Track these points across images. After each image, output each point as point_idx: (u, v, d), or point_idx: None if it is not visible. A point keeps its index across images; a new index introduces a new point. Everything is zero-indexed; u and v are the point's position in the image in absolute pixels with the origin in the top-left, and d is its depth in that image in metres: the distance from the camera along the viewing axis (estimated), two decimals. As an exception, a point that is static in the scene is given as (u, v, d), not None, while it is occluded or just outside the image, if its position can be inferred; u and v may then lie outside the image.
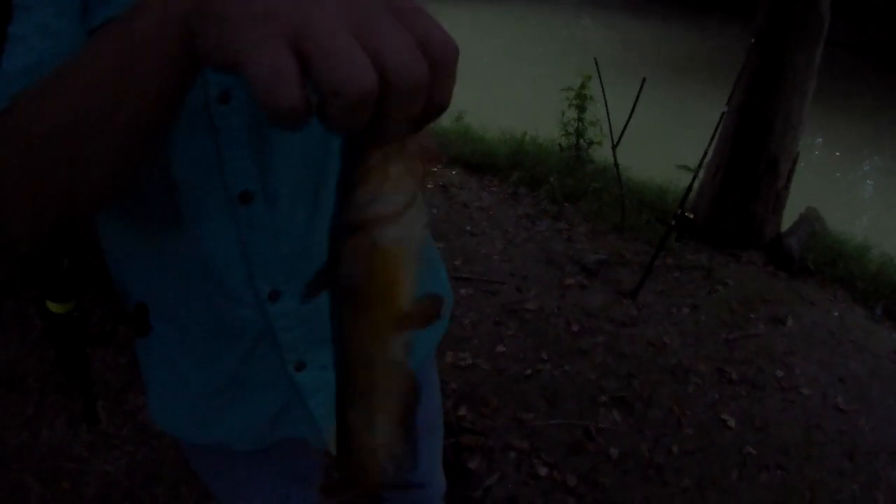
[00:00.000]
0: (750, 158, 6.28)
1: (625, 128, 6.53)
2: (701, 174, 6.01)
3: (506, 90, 13.36)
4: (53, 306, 1.36)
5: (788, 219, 6.65)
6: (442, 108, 0.61)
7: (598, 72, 6.87)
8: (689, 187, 5.59)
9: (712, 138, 5.59)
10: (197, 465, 1.70)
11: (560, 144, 8.26)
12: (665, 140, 10.22)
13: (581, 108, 7.98)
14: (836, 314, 5.50)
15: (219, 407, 1.43)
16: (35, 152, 0.85)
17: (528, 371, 4.54)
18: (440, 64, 0.58)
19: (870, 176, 11.94)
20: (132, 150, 0.84)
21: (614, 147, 6.70)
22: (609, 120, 6.77)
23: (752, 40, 6.00)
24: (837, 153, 12.33)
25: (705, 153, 5.60)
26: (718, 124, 5.64)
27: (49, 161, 0.84)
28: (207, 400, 1.43)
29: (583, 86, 7.83)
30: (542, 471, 3.79)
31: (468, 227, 6.54)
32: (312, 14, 0.56)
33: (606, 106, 6.80)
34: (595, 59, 6.94)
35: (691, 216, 5.42)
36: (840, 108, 13.73)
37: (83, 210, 0.99)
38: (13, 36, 1.07)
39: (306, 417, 1.44)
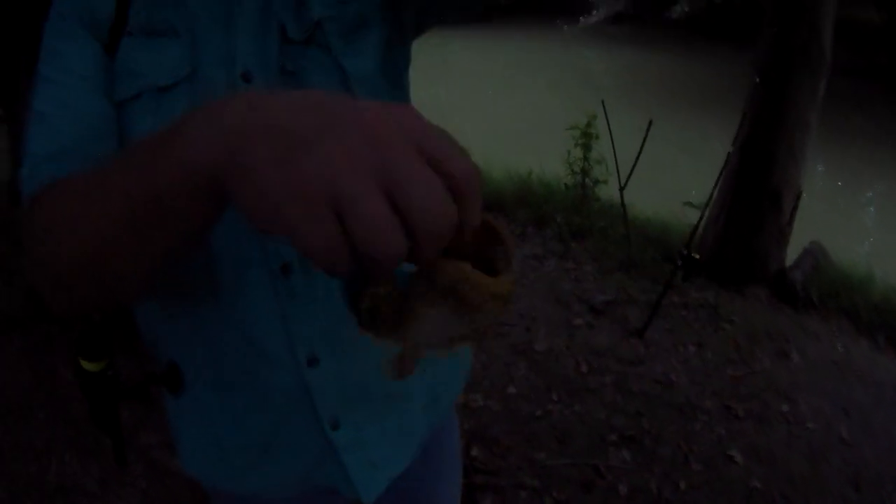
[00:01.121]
0: (753, 194, 6.32)
1: (632, 170, 6.57)
2: (706, 212, 6.07)
3: (511, 124, 13.28)
4: (87, 364, 1.41)
5: (794, 251, 6.67)
6: (473, 226, 0.64)
7: (605, 113, 6.92)
8: (696, 228, 5.64)
9: (718, 179, 5.63)
10: None
11: (566, 184, 8.27)
12: (671, 174, 10.20)
13: (587, 148, 7.99)
14: (839, 346, 5.54)
15: (253, 462, 1.45)
16: (60, 260, 0.91)
17: (539, 411, 4.59)
18: (466, 194, 0.62)
19: (873, 203, 11.91)
20: (165, 264, 0.87)
21: (622, 189, 6.77)
22: (616, 159, 6.82)
23: (756, 79, 6.07)
24: (839, 182, 12.30)
25: (711, 194, 5.64)
26: (725, 164, 5.70)
27: (78, 275, 0.91)
28: (241, 455, 1.45)
29: (588, 125, 7.85)
30: (553, 509, 3.84)
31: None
32: (345, 180, 0.58)
33: (613, 147, 6.82)
34: (602, 101, 7.01)
35: (697, 256, 5.45)
36: (841, 135, 13.71)
37: (112, 304, 1.07)
38: (39, 112, 1.16)
39: (339, 472, 1.46)
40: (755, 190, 6.31)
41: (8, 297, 5.35)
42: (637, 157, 6.49)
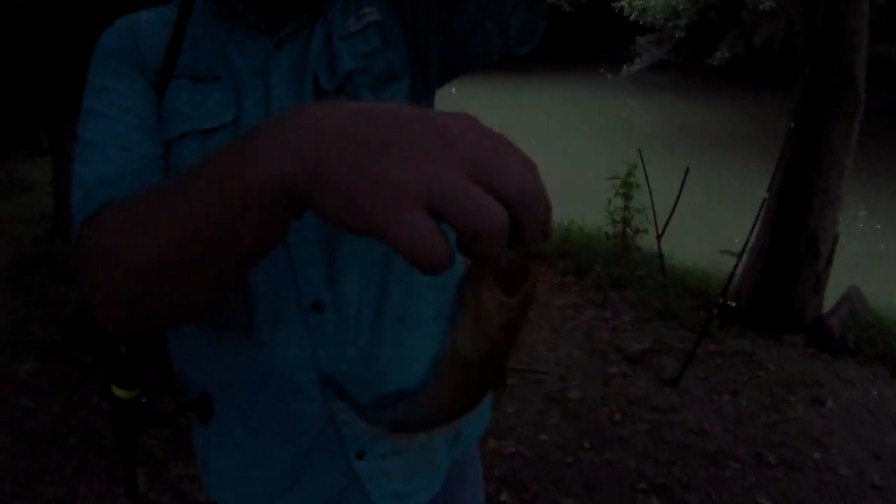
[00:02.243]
0: (790, 240, 6.31)
1: (669, 219, 6.56)
2: (743, 258, 6.06)
3: (554, 174, 13.26)
4: (120, 392, 1.44)
5: (832, 293, 6.62)
6: (549, 205, 0.67)
7: (643, 161, 6.93)
8: (732, 275, 5.59)
9: (753, 226, 5.63)
10: None
11: (606, 233, 8.28)
12: (711, 222, 10.18)
13: (627, 197, 8.00)
14: (875, 392, 5.50)
15: (278, 491, 1.49)
16: (119, 276, 0.94)
17: (570, 458, 4.59)
18: (535, 173, 0.67)
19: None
20: (228, 283, 0.92)
21: (659, 237, 6.77)
22: (654, 209, 6.82)
23: (791, 124, 6.07)
24: (878, 225, 12.22)
25: (747, 241, 5.63)
26: (760, 211, 5.68)
27: (133, 286, 0.93)
28: (268, 483, 1.49)
29: (629, 174, 7.86)
30: (580, 556, 3.82)
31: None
32: (434, 174, 0.62)
33: (651, 197, 6.84)
34: (639, 150, 7.03)
35: (733, 304, 5.42)
36: (877, 176, 13.63)
37: (165, 325, 1.19)
38: (90, 142, 1.23)
39: (363, 500, 1.49)
40: (792, 236, 6.30)
41: (47, 327, 5.53)
42: (674, 205, 6.49)
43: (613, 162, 8.07)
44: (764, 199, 5.73)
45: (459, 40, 1.36)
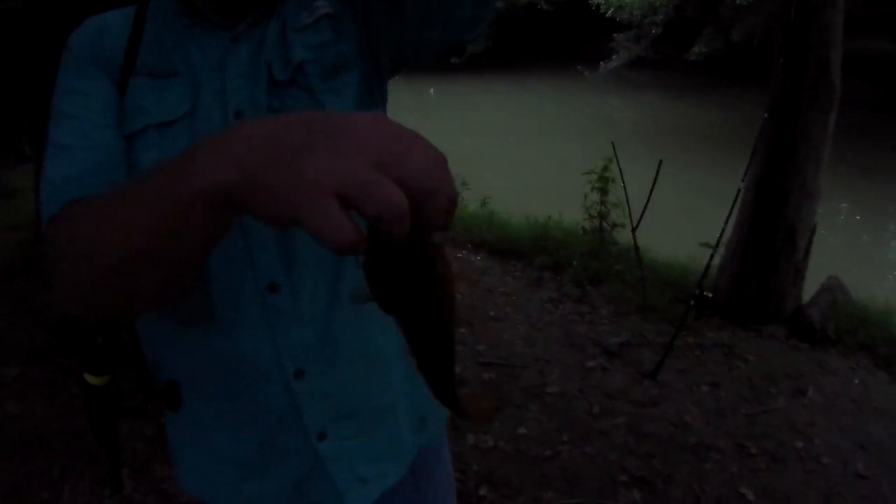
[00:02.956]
0: (768, 232, 6.29)
1: (643, 212, 6.58)
2: (721, 251, 6.04)
3: (531, 172, 13.38)
4: (91, 378, 1.49)
5: (812, 285, 6.63)
6: (454, 199, 0.73)
7: (616, 155, 6.95)
8: (708, 266, 5.61)
9: (728, 216, 5.62)
10: None
11: (583, 228, 8.28)
12: (689, 217, 10.17)
13: (603, 191, 8.00)
14: (857, 381, 5.48)
15: (247, 474, 1.52)
16: (82, 272, 1.01)
17: (549, 452, 4.54)
18: (443, 165, 0.73)
19: (893, 236, 11.93)
20: (180, 275, 0.98)
21: (633, 230, 6.78)
22: (628, 202, 6.83)
23: (766, 115, 6.05)
24: (858, 216, 12.32)
25: (722, 231, 5.62)
26: (735, 201, 5.68)
27: (96, 280, 1.00)
28: (235, 467, 1.52)
29: (604, 168, 7.87)
30: (562, 550, 3.77)
31: (492, 313, 6.58)
32: (343, 168, 0.69)
33: (625, 189, 6.86)
34: (612, 143, 7.03)
35: (709, 295, 5.43)
36: (861, 170, 13.77)
37: (128, 313, 1.19)
38: (58, 143, 1.30)
39: (328, 483, 1.52)
40: (769, 227, 6.29)
41: (32, 332, 5.57)
42: (648, 198, 6.50)
43: (591, 159, 8.10)
44: (739, 190, 5.78)
45: (410, 32, 1.41)
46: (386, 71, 1.51)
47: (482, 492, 4.15)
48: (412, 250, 0.75)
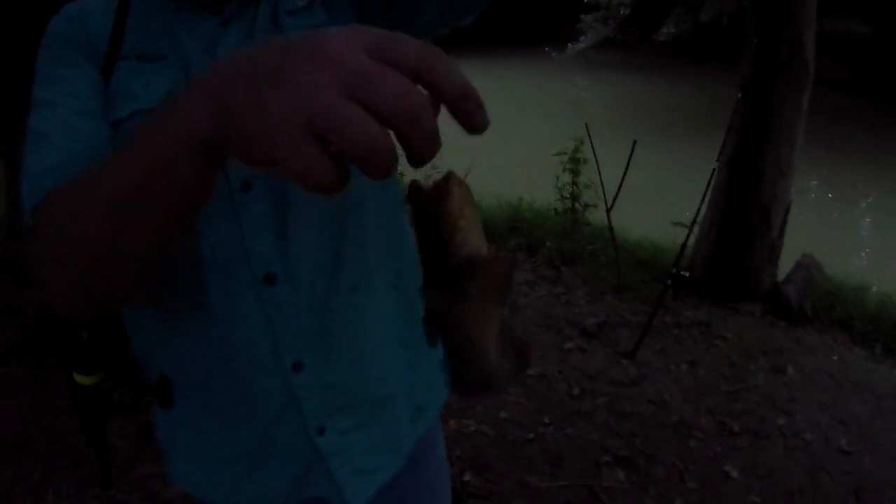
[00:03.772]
0: (743, 210, 6.31)
1: (618, 191, 6.59)
2: (696, 230, 6.04)
3: (502, 154, 13.35)
4: (81, 378, 1.44)
5: (786, 262, 6.66)
6: (459, 94, 0.66)
7: (590, 136, 6.94)
8: (684, 245, 5.63)
9: (704, 195, 5.63)
10: None
11: (556, 209, 8.29)
12: (662, 196, 10.22)
13: (575, 172, 8.02)
14: (835, 357, 5.52)
15: (244, 470, 1.48)
16: (71, 252, 0.98)
17: (531, 435, 4.53)
18: (429, 66, 0.64)
19: (867, 214, 12.02)
20: (168, 236, 0.95)
21: (608, 210, 6.77)
22: (602, 183, 6.81)
23: (739, 94, 6.06)
24: (830, 195, 12.43)
25: (698, 211, 5.64)
26: (710, 181, 5.69)
27: (85, 258, 0.97)
28: (233, 464, 1.48)
29: (576, 149, 7.88)
30: (549, 532, 3.77)
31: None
32: (312, 100, 0.62)
33: (599, 170, 6.86)
34: (586, 124, 7.02)
35: (686, 274, 5.44)
36: (833, 148, 13.86)
37: (119, 297, 1.16)
38: (38, 132, 1.24)
39: (327, 478, 1.49)
40: (744, 206, 6.31)
41: (8, 331, 5.43)
42: (622, 178, 6.50)
43: (561, 140, 8.10)
44: (713, 170, 5.80)
45: (403, 14, 1.36)
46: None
47: (467, 477, 4.13)
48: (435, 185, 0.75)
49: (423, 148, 0.64)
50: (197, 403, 1.45)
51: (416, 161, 0.65)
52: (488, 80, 24.83)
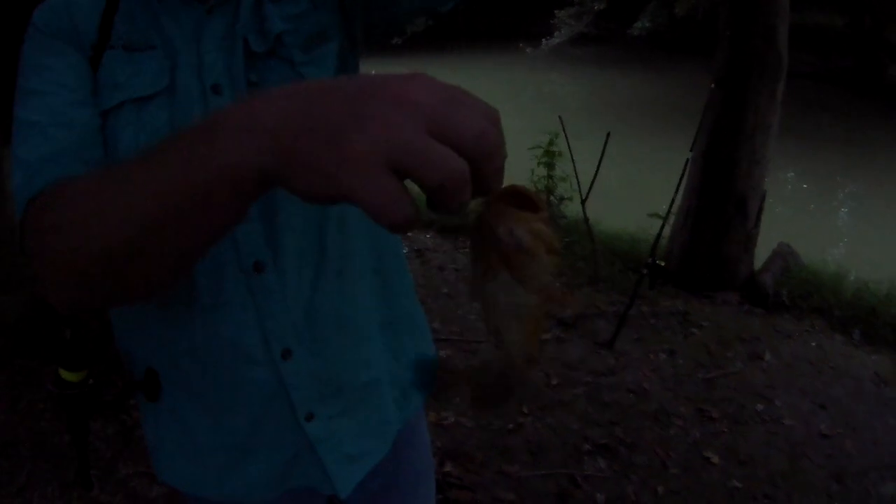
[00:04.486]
0: (718, 201, 6.32)
1: (592, 183, 6.59)
2: (672, 221, 6.05)
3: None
4: (67, 374, 1.44)
5: (764, 252, 6.68)
6: (502, 161, 0.70)
7: (564, 129, 6.94)
8: (659, 235, 5.64)
9: (678, 186, 5.64)
10: None
11: (531, 203, 8.22)
12: (638, 189, 10.23)
13: (550, 166, 8.04)
14: (813, 344, 5.53)
15: (233, 462, 1.48)
16: (87, 262, 0.93)
17: (511, 425, 4.52)
18: (495, 121, 0.69)
19: (843, 204, 12.13)
20: (188, 265, 0.96)
21: (583, 202, 6.77)
22: (577, 175, 6.82)
23: (712, 85, 6.07)
24: (806, 185, 12.56)
25: (672, 201, 5.65)
26: (684, 171, 5.70)
27: (100, 271, 0.93)
28: (221, 455, 1.48)
29: (550, 143, 7.90)
30: (530, 520, 3.78)
31: (444, 290, 6.54)
32: (394, 137, 0.63)
33: (573, 162, 6.86)
34: (559, 116, 7.01)
35: (662, 264, 5.45)
36: (808, 139, 13.96)
37: (128, 300, 1.17)
38: (27, 121, 1.23)
39: (316, 465, 1.49)
40: (719, 196, 6.33)
41: None
42: (597, 170, 6.51)
43: (536, 135, 8.12)
44: (688, 160, 5.81)
45: (383, 2, 1.39)
46: (360, 41, 1.48)
47: (447, 468, 4.12)
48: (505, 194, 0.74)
49: (494, 181, 0.70)
50: (184, 396, 1.44)
51: (482, 193, 0.70)
52: (463, 78, 24.78)
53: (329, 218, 1.39)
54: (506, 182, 0.72)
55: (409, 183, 0.66)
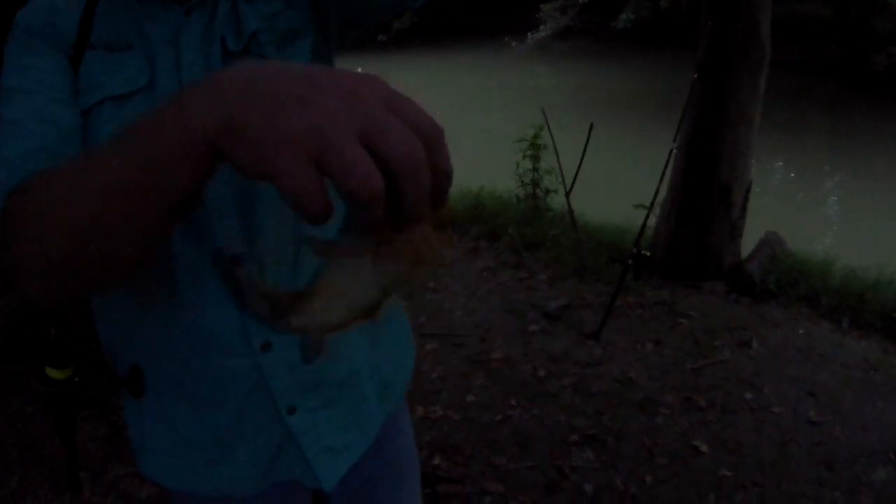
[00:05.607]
0: (703, 190, 6.30)
1: (576, 174, 6.60)
2: (656, 211, 6.03)
3: (461, 144, 13.34)
4: (53, 372, 1.49)
5: (751, 242, 6.68)
6: (447, 174, 0.71)
7: (547, 122, 6.94)
8: (644, 226, 5.64)
9: (662, 176, 5.63)
10: None
11: (517, 196, 8.29)
12: (623, 181, 10.22)
13: (535, 158, 8.03)
14: (801, 331, 5.51)
15: (218, 457, 1.50)
16: (53, 244, 0.93)
17: (499, 417, 4.53)
18: (432, 141, 0.69)
19: (831, 193, 12.16)
20: (153, 239, 0.92)
21: (567, 194, 6.80)
22: (560, 167, 6.84)
23: (695, 75, 6.05)
24: (792, 175, 12.58)
25: (656, 191, 5.64)
26: (668, 162, 5.70)
27: (71, 254, 0.93)
28: (206, 450, 1.50)
29: (535, 136, 7.89)
30: (519, 511, 3.78)
31: (431, 285, 6.52)
32: (327, 131, 0.65)
33: (557, 154, 6.89)
34: (542, 109, 7.01)
35: (648, 254, 5.45)
36: (796, 130, 13.98)
37: (102, 285, 1.14)
38: (9, 120, 1.24)
39: (299, 457, 1.52)
40: (704, 186, 6.30)
41: None
42: (580, 161, 6.52)
43: (521, 128, 8.12)
44: (671, 151, 5.83)
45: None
46: (333, 39, 1.50)
47: (436, 461, 4.12)
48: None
49: (414, 204, 0.68)
50: (168, 392, 1.46)
51: (404, 215, 0.69)
52: (449, 72, 24.96)
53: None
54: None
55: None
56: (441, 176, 0.70)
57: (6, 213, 1.10)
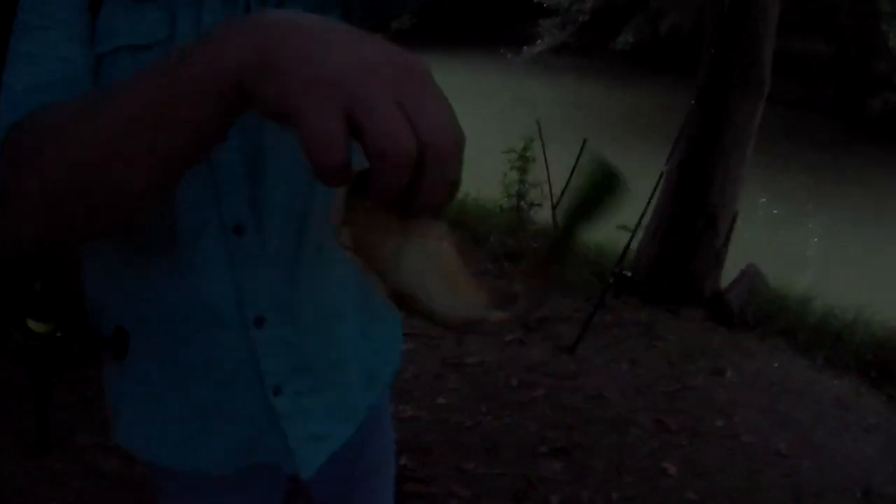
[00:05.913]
0: (689, 216, 6.32)
1: (564, 190, 6.61)
2: (640, 233, 6.05)
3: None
4: (34, 325, 1.46)
5: (731, 274, 6.68)
6: (457, 183, 0.70)
7: (541, 135, 6.96)
8: (627, 246, 5.67)
9: (650, 199, 5.66)
10: (164, 490, 1.70)
11: (501, 206, 8.32)
12: (611, 200, 10.31)
13: (522, 171, 8.05)
14: (776, 364, 5.53)
15: (196, 431, 1.47)
16: (66, 174, 0.89)
17: (469, 422, 4.53)
18: (456, 145, 0.68)
19: (814, 232, 12.28)
20: (165, 179, 0.90)
21: (554, 208, 6.79)
22: (549, 181, 6.85)
23: (693, 101, 6.07)
24: (775, 210, 12.64)
25: (643, 214, 5.66)
26: (657, 185, 5.73)
27: (78, 183, 0.89)
28: (184, 423, 1.47)
29: (525, 148, 7.92)
30: (486, 518, 3.78)
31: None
32: (367, 85, 0.64)
33: (547, 168, 6.91)
34: (537, 121, 7.02)
35: (629, 274, 5.49)
36: (785, 166, 14.04)
37: (97, 231, 1.08)
38: (20, 51, 1.19)
39: (280, 441, 1.48)
40: (690, 211, 6.33)
41: None
42: (570, 176, 6.50)
43: (510, 139, 8.16)
44: (662, 173, 5.86)
45: None
46: (355, 21, 1.38)
47: (403, 461, 4.08)
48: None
49: (433, 196, 0.68)
50: (152, 357, 1.42)
51: (412, 207, 0.69)
52: (442, 78, 24.83)
53: (315, 191, 1.36)
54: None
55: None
56: (451, 183, 0.69)
57: (5, 145, 1.06)
